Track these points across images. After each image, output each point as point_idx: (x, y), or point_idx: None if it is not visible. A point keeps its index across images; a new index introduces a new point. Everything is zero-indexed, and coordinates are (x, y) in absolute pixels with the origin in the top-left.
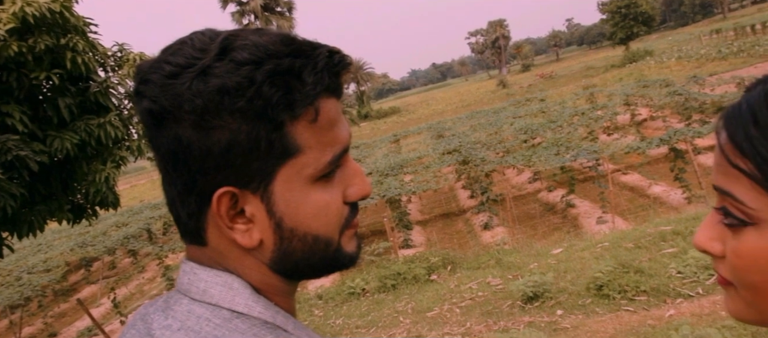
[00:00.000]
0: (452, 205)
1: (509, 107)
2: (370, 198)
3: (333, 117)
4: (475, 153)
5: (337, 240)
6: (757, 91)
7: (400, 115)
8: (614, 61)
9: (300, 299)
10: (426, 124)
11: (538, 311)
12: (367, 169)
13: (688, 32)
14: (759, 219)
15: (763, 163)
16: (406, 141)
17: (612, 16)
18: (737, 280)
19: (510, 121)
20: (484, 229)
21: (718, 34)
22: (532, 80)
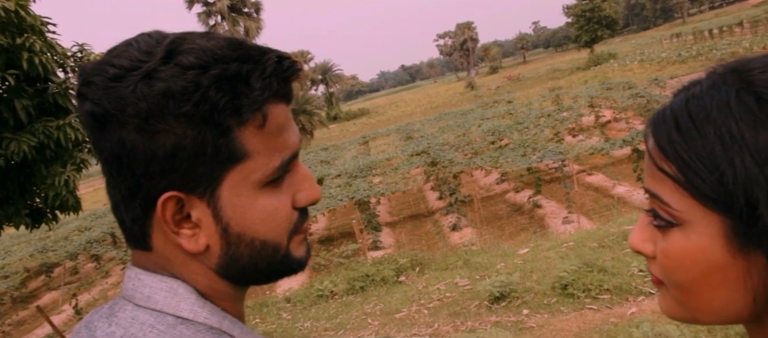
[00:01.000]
0: (421, 207)
1: (477, 109)
2: (339, 200)
3: (282, 122)
4: (443, 154)
5: (285, 245)
6: (680, 97)
7: (370, 116)
8: (579, 63)
9: (268, 302)
10: (395, 125)
11: (504, 311)
12: (335, 170)
13: (650, 36)
14: (683, 220)
15: (684, 166)
16: (375, 143)
17: (577, 19)
18: (667, 279)
19: (478, 122)
20: (453, 230)
21: (678, 38)
22: (500, 82)
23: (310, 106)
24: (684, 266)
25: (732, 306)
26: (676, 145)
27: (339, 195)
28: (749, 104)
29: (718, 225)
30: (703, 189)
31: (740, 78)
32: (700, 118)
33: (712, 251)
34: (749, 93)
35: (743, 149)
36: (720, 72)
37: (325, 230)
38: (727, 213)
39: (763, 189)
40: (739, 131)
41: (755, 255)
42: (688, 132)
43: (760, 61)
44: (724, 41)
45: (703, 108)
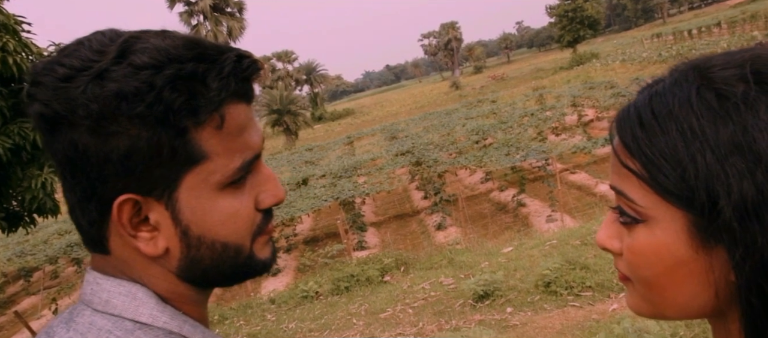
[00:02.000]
0: (406, 206)
1: (461, 108)
2: (324, 200)
3: (242, 123)
4: (428, 154)
5: (248, 247)
6: (644, 94)
7: (355, 116)
8: (562, 63)
9: (252, 304)
10: (380, 125)
11: (488, 309)
12: (320, 171)
13: (632, 36)
14: (648, 216)
15: (648, 162)
16: (360, 143)
17: (559, 19)
18: (633, 275)
19: (462, 122)
20: (438, 229)
21: (658, 39)
22: (484, 82)
23: (294, 106)
24: (649, 262)
25: (696, 301)
26: (640, 141)
27: (324, 195)
28: (709, 101)
29: (682, 220)
30: (666, 186)
31: (701, 75)
32: (663, 114)
33: (676, 247)
34: (709, 89)
35: (704, 145)
36: (682, 69)
37: (310, 230)
38: (690, 208)
39: (723, 184)
40: (700, 127)
41: (717, 250)
42: (651, 129)
43: (720, 59)
44: (702, 41)
45: (666, 105)
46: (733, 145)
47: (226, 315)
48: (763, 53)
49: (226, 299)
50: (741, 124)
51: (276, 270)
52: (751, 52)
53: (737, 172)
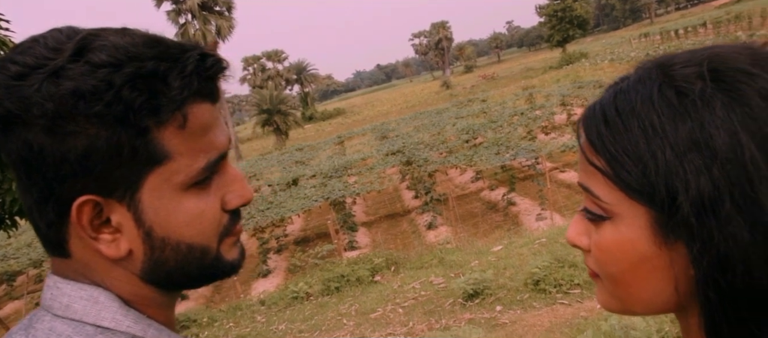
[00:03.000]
0: (397, 206)
1: (452, 108)
2: (314, 200)
3: (206, 122)
4: (418, 153)
5: (215, 248)
6: (609, 92)
7: (345, 116)
8: (552, 62)
9: (242, 306)
10: (370, 125)
11: (478, 308)
12: (311, 171)
13: (620, 36)
14: (613, 213)
15: (612, 159)
16: (351, 142)
17: (549, 19)
18: (600, 271)
19: (452, 121)
20: (428, 229)
21: (646, 38)
22: (474, 81)
23: (284, 106)
24: (615, 258)
25: (660, 296)
26: (604, 138)
27: (314, 195)
28: (670, 98)
29: (645, 217)
30: (629, 182)
31: (663, 73)
32: (626, 112)
33: (640, 243)
34: (670, 87)
35: (664, 142)
36: (646, 67)
37: (300, 231)
38: (652, 204)
39: (682, 180)
40: (661, 124)
41: (677, 245)
42: (615, 126)
43: (682, 57)
44: (689, 41)
45: (629, 102)
46: (691, 141)
47: (215, 317)
48: (721, 52)
49: (216, 301)
50: (698, 121)
51: (266, 271)
52: (710, 50)
53: (695, 169)
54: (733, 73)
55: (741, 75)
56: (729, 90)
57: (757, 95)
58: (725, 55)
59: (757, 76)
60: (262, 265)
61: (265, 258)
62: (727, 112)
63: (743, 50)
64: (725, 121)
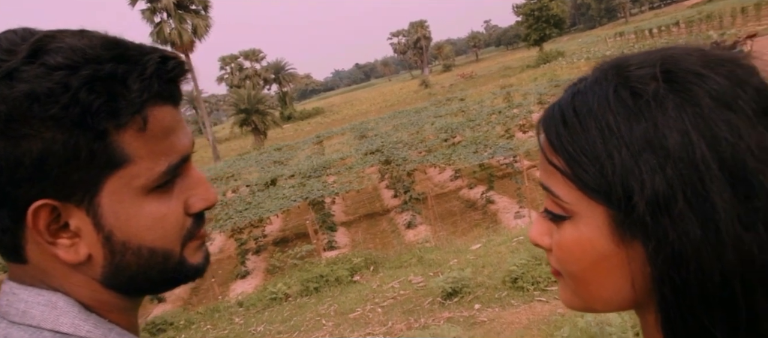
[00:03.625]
0: (376, 205)
1: (431, 107)
2: (293, 200)
3: (167, 125)
4: (397, 153)
5: (178, 252)
6: (568, 93)
7: (324, 115)
8: (529, 61)
9: (219, 308)
10: (349, 124)
11: (457, 306)
12: (289, 171)
13: (596, 35)
14: (573, 212)
15: (570, 159)
16: (330, 142)
17: (526, 18)
18: (562, 270)
19: (431, 120)
20: (408, 228)
21: (621, 37)
22: (453, 80)
23: (262, 105)
24: (575, 257)
25: (619, 294)
26: (563, 139)
27: (293, 195)
28: (625, 99)
29: (603, 216)
30: (587, 182)
31: (619, 74)
32: (583, 112)
33: (599, 241)
34: (626, 88)
35: (620, 142)
36: (603, 68)
37: (279, 231)
38: (609, 203)
39: (637, 179)
40: (616, 125)
41: (635, 243)
42: (573, 126)
43: (637, 58)
44: (662, 40)
45: (586, 103)
46: (645, 141)
47: (192, 319)
48: (674, 53)
49: (193, 303)
50: (652, 121)
51: (245, 272)
52: (664, 51)
53: (649, 168)
54: (685, 74)
55: (692, 76)
56: (681, 91)
57: (707, 96)
58: (678, 57)
59: (708, 77)
60: (241, 266)
61: (244, 259)
62: (679, 112)
63: (695, 52)
64: (677, 121)
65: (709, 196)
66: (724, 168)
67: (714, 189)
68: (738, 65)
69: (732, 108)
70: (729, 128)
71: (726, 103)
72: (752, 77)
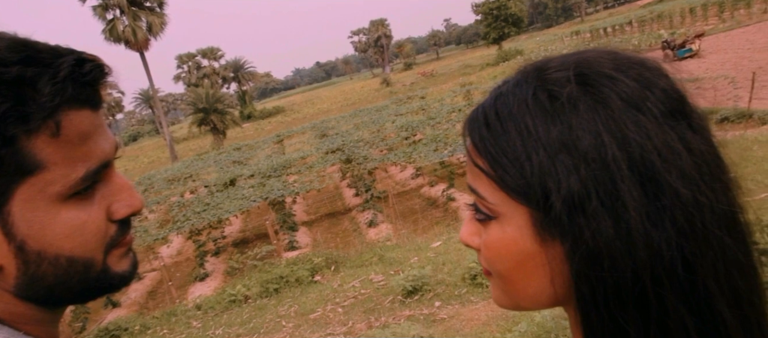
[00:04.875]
0: (338, 204)
1: (391, 105)
2: (253, 200)
3: (84, 130)
4: (358, 151)
5: (101, 260)
6: (491, 96)
7: (285, 114)
8: (489, 59)
9: (176, 312)
10: (310, 123)
11: (417, 304)
12: (249, 171)
13: (553, 33)
14: (498, 213)
15: (493, 161)
16: (290, 141)
17: (485, 17)
18: (491, 270)
19: (392, 118)
20: (370, 227)
21: (577, 36)
22: (414, 78)
23: (221, 104)
24: (501, 256)
25: (544, 292)
26: (486, 141)
27: (252, 196)
28: (543, 101)
29: (525, 216)
30: (509, 183)
31: (538, 76)
32: (504, 115)
33: (523, 241)
34: (544, 90)
35: (537, 143)
36: (525, 71)
37: (239, 232)
38: (530, 204)
39: (554, 180)
40: (535, 126)
41: (554, 243)
42: (495, 128)
43: (556, 61)
44: (616, 38)
45: (507, 105)
46: (561, 143)
47: (148, 324)
48: (588, 57)
49: (150, 307)
50: (567, 123)
51: (203, 274)
52: (579, 55)
53: (565, 169)
54: (597, 77)
55: (604, 78)
56: (593, 93)
57: (617, 98)
58: (591, 60)
59: (618, 79)
60: (199, 269)
61: (202, 261)
62: (592, 114)
63: (607, 55)
64: (590, 122)
65: (620, 195)
66: (633, 168)
67: (624, 188)
68: (646, 68)
69: (640, 109)
70: (638, 129)
71: (635, 105)
72: (659, 79)
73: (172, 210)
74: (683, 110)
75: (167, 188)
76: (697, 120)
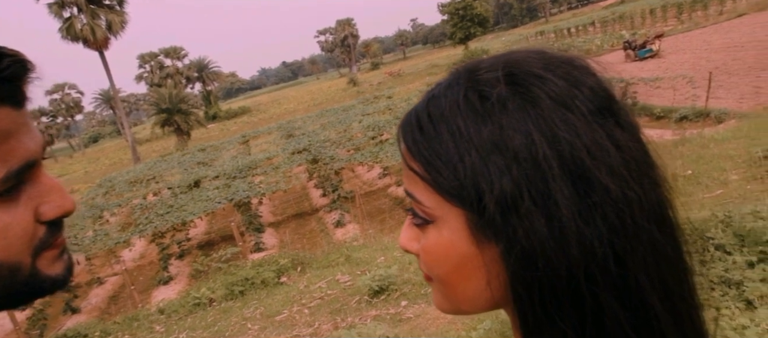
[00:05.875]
0: (305, 205)
1: (358, 105)
2: (218, 202)
3: (5, 128)
4: (325, 151)
5: (29, 263)
6: (423, 98)
7: (251, 115)
8: (455, 59)
9: (139, 316)
10: (276, 123)
11: (383, 304)
12: (214, 171)
13: (518, 33)
14: (435, 216)
15: (427, 164)
16: (256, 141)
17: (451, 17)
18: (431, 274)
19: (359, 118)
20: (337, 227)
21: (542, 36)
22: (381, 78)
23: (185, 104)
24: (439, 260)
25: (482, 295)
26: (419, 144)
27: (217, 197)
28: (474, 102)
29: (461, 218)
30: (444, 186)
31: (470, 77)
32: (436, 117)
33: (460, 244)
34: (475, 91)
35: (470, 145)
36: (457, 72)
37: (204, 234)
38: (465, 206)
39: (487, 181)
40: (466, 128)
41: (490, 245)
42: (428, 131)
43: (487, 62)
44: (580, 39)
45: (439, 107)
46: (492, 143)
47: (109, 330)
48: (517, 57)
49: (111, 313)
50: (498, 123)
51: (167, 277)
52: (509, 55)
53: (497, 169)
54: (526, 77)
55: (533, 78)
56: (523, 93)
57: (547, 97)
58: (521, 60)
59: (547, 79)
60: (163, 272)
61: (166, 264)
62: (522, 113)
63: (536, 55)
64: (520, 122)
65: (552, 194)
66: (564, 166)
67: (556, 187)
68: (574, 67)
69: (569, 108)
70: (567, 127)
71: (564, 104)
72: (587, 77)
73: (135, 212)
74: (611, 108)
75: (129, 190)
76: (625, 117)
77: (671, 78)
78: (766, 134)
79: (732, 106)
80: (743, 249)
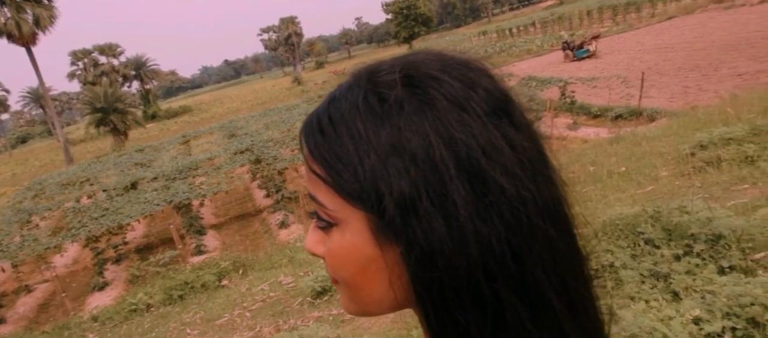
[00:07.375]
0: (248, 206)
1: (303, 104)
2: (156, 204)
3: None
4: (268, 151)
5: None
6: (324, 101)
7: (192, 114)
8: None
9: (70, 324)
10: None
11: (326, 305)
12: (152, 173)
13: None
14: (338, 219)
15: (328, 167)
16: (197, 141)
17: (395, 16)
18: (337, 277)
19: (303, 118)
20: (281, 228)
21: (484, 36)
22: (326, 77)
23: (122, 103)
24: (344, 263)
25: (387, 296)
26: (320, 147)
27: (156, 199)
28: (373, 105)
29: (364, 221)
30: (345, 188)
31: (370, 79)
32: (337, 119)
33: (364, 246)
34: (374, 94)
35: (369, 147)
36: (357, 74)
37: (143, 238)
38: (366, 208)
39: (387, 183)
40: (365, 130)
41: (392, 247)
42: (329, 134)
43: (387, 64)
44: (521, 39)
45: (339, 110)
46: (390, 145)
47: None
48: (415, 59)
49: (41, 321)
50: (396, 125)
51: (103, 283)
52: (408, 57)
53: (396, 171)
54: (423, 79)
55: (430, 80)
56: (420, 94)
57: (444, 99)
58: (418, 62)
59: (443, 81)
60: (98, 277)
61: (102, 269)
62: (419, 115)
63: (434, 57)
64: (418, 124)
65: (450, 194)
66: (460, 166)
67: (453, 187)
68: (470, 68)
69: (465, 109)
70: (463, 128)
71: (460, 105)
72: (483, 79)
73: (67, 216)
74: (506, 108)
75: (61, 193)
76: (520, 117)
77: (607, 78)
78: (693, 132)
79: (663, 105)
80: (671, 242)
